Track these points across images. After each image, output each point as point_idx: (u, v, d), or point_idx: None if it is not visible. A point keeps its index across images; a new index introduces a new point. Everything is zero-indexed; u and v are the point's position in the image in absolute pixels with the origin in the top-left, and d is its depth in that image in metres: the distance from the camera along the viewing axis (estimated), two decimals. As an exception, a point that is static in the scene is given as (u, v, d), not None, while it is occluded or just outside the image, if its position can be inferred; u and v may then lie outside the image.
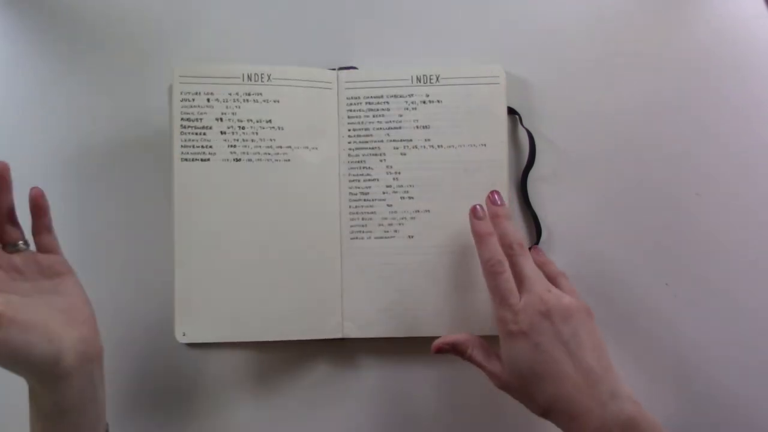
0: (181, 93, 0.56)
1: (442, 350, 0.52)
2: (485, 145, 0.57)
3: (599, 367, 0.46)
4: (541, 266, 0.54)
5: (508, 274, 0.50)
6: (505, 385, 0.49)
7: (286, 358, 0.57)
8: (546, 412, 0.47)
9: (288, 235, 0.57)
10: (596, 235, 0.57)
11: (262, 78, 0.57)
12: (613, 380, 0.46)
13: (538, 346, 0.47)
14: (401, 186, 0.57)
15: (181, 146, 0.56)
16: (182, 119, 0.56)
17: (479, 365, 0.51)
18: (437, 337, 0.54)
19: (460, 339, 0.52)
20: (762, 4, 0.59)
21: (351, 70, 0.58)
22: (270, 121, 0.57)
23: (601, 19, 0.59)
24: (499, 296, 0.49)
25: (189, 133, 0.56)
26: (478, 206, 0.53)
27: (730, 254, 0.57)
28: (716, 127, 0.58)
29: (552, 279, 0.52)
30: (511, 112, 0.58)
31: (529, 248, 0.57)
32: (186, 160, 0.56)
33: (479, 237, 0.52)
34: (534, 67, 0.58)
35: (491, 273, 0.50)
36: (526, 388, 0.48)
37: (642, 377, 0.56)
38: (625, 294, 0.57)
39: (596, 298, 0.56)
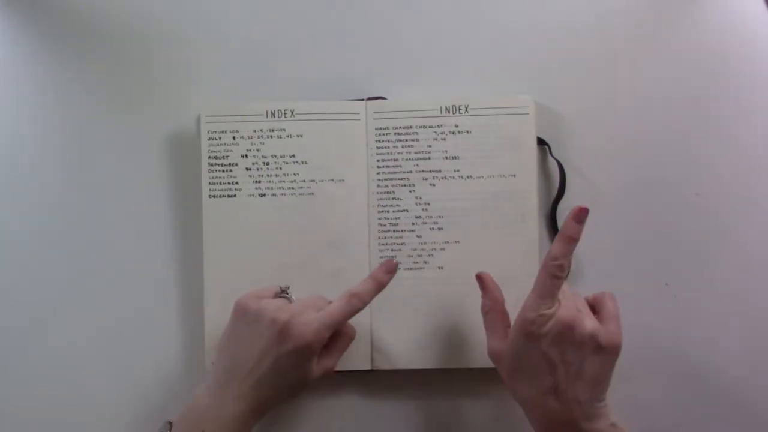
0: (208, 132, 0.57)
1: (480, 282, 0.53)
2: (515, 175, 0.57)
3: (586, 401, 0.46)
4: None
5: (561, 281, 0.47)
6: (495, 360, 0.50)
7: (314, 389, 0.57)
8: (518, 402, 0.49)
9: (315, 267, 0.57)
10: (627, 267, 0.57)
11: (285, 114, 0.57)
12: (596, 407, 0.46)
13: (545, 356, 0.46)
14: (431, 217, 0.57)
15: (209, 183, 0.57)
16: (209, 157, 0.57)
17: (487, 330, 0.51)
18: (468, 369, 0.55)
19: (492, 290, 0.52)
20: (761, 3, 0.58)
21: (379, 101, 0.58)
22: (293, 156, 0.57)
23: (630, 49, 0.58)
24: (539, 291, 0.47)
25: (216, 170, 0.57)
26: (583, 209, 0.48)
27: (730, 254, 0.57)
28: (719, 128, 0.58)
29: (598, 295, 0.51)
30: (541, 142, 0.57)
31: None
32: (213, 196, 0.57)
33: (564, 236, 0.48)
34: (563, 97, 0.58)
35: (548, 269, 0.47)
36: (513, 378, 0.49)
37: (641, 377, 0.56)
38: (625, 294, 0.56)
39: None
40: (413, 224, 0.57)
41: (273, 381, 0.50)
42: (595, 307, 0.50)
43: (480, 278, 0.53)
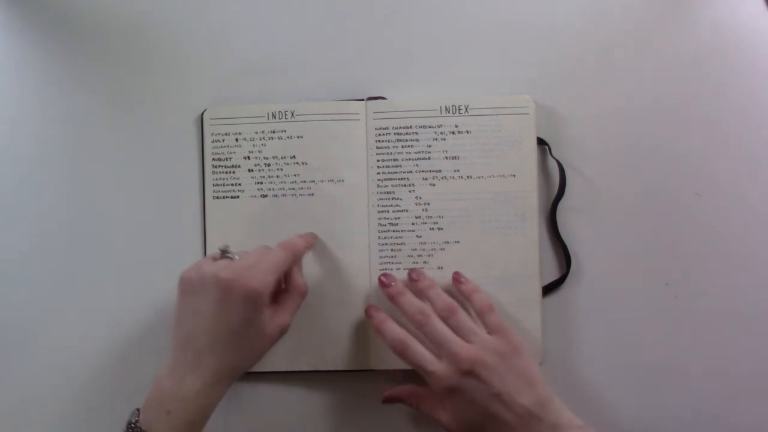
0: (212, 135, 0.58)
1: (391, 401, 0.54)
2: (515, 175, 0.57)
3: (537, 404, 0.47)
4: (468, 296, 0.54)
5: (415, 346, 0.51)
6: (450, 429, 0.51)
7: (313, 388, 0.58)
8: None
9: (316, 267, 0.57)
10: (627, 267, 0.57)
11: (286, 115, 0.57)
12: (554, 411, 0.48)
13: (473, 402, 0.48)
14: (430, 217, 0.57)
15: (213, 185, 0.58)
16: (213, 159, 0.58)
17: (428, 415, 0.52)
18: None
19: (403, 394, 0.54)
20: (761, 3, 0.58)
21: (379, 101, 0.58)
22: (294, 156, 0.57)
23: (630, 49, 0.58)
24: (416, 367, 0.51)
25: (219, 172, 0.58)
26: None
27: (730, 255, 0.57)
28: (718, 128, 0.57)
29: (478, 314, 0.53)
30: (541, 142, 0.57)
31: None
32: (217, 198, 0.58)
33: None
34: (563, 97, 0.58)
35: (396, 353, 0.52)
36: None
37: (641, 378, 0.56)
38: (625, 294, 0.57)
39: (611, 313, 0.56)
40: (413, 224, 0.57)
41: (229, 344, 0.48)
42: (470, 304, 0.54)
43: (387, 399, 0.54)
